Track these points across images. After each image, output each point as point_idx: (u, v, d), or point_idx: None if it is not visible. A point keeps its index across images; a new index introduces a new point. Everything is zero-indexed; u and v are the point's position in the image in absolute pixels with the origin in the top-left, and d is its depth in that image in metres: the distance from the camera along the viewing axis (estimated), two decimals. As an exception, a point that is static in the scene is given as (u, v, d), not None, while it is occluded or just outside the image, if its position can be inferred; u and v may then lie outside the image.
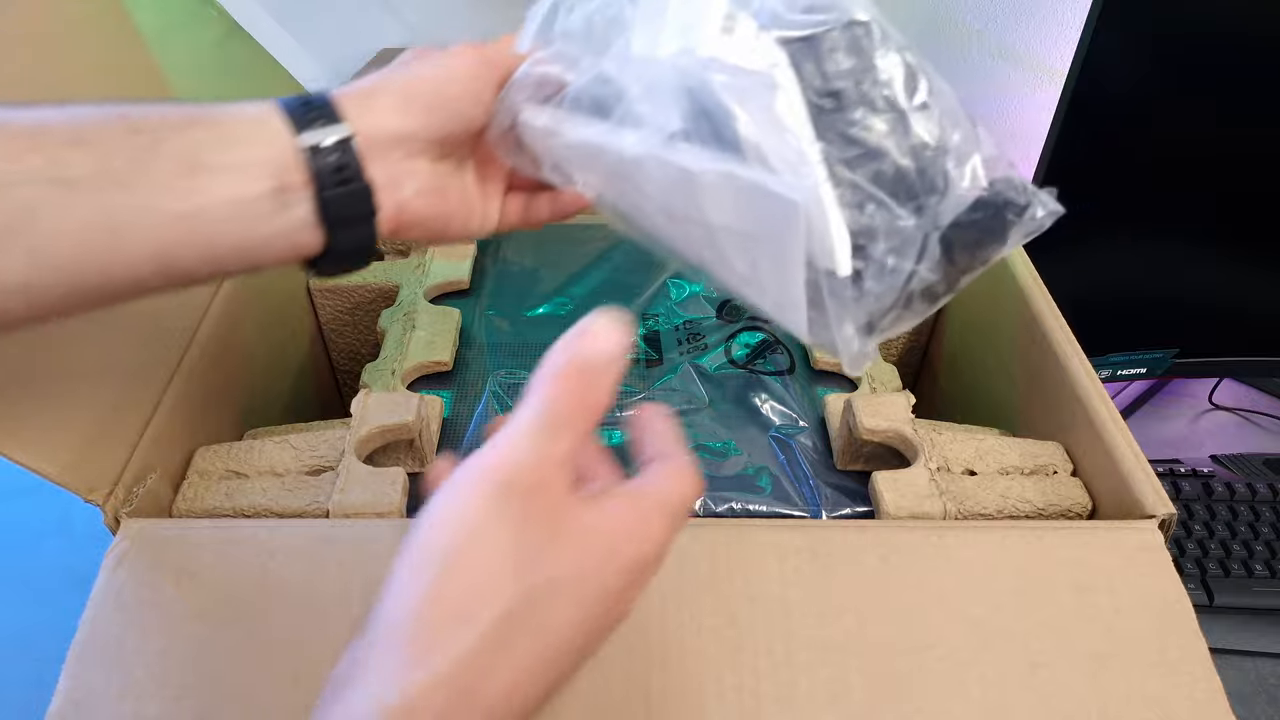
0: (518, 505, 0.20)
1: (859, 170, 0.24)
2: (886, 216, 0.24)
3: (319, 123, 0.25)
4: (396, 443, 0.38)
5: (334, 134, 0.25)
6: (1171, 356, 0.61)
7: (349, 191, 0.26)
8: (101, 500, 0.32)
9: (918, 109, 0.25)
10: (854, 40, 0.25)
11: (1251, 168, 0.53)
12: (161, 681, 0.28)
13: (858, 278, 0.24)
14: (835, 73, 0.24)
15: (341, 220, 0.26)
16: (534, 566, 0.20)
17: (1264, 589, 0.53)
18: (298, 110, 0.25)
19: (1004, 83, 0.74)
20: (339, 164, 0.25)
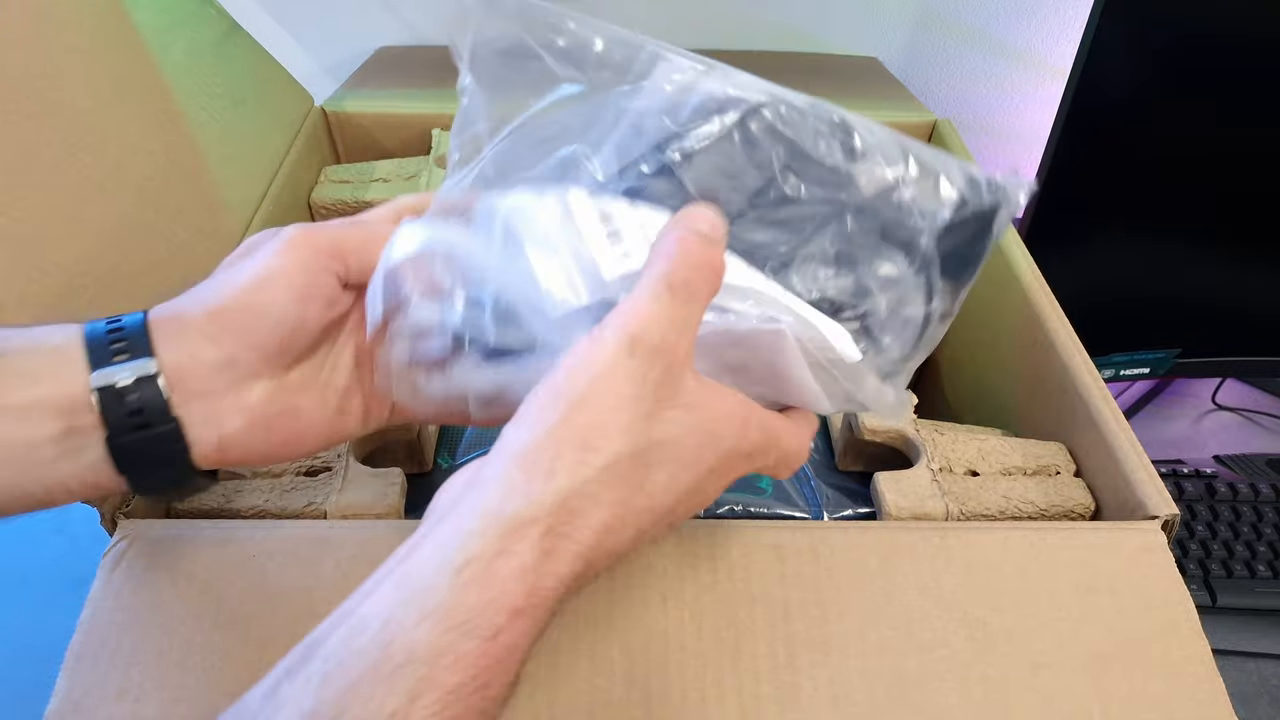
0: (642, 360, 0.21)
1: (828, 257, 0.25)
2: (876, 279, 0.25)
3: (121, 356, 0.23)
4: (395, 443, 0.38)
5: (132, 372, 0.22)
6: (1174, 356, 0.61)
7: (148, 436, 0.23)
8: (98, 500, 0.32)
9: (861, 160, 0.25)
10: (766, 127, 0.25)
11: (1255, 167, 0.53)
12: (159, 682, 0.28)
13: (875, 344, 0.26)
14: (761, 162, 0.25)
15: (139, 465, 0.23)
16: (648, 424, 0.22)
17: (1267, 590, 0.53)
18: (101, 340, 0.23)
19: (1006, 81, 0.74)
20: (137, 406, 0.22)
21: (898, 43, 0.72)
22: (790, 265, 0.25)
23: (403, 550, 0.21)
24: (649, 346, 0.22)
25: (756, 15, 0.71)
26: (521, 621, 0.20)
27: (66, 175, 0.33)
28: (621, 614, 0.29)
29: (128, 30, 0.39)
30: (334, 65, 0.72)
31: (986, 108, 0.75)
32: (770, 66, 0.75)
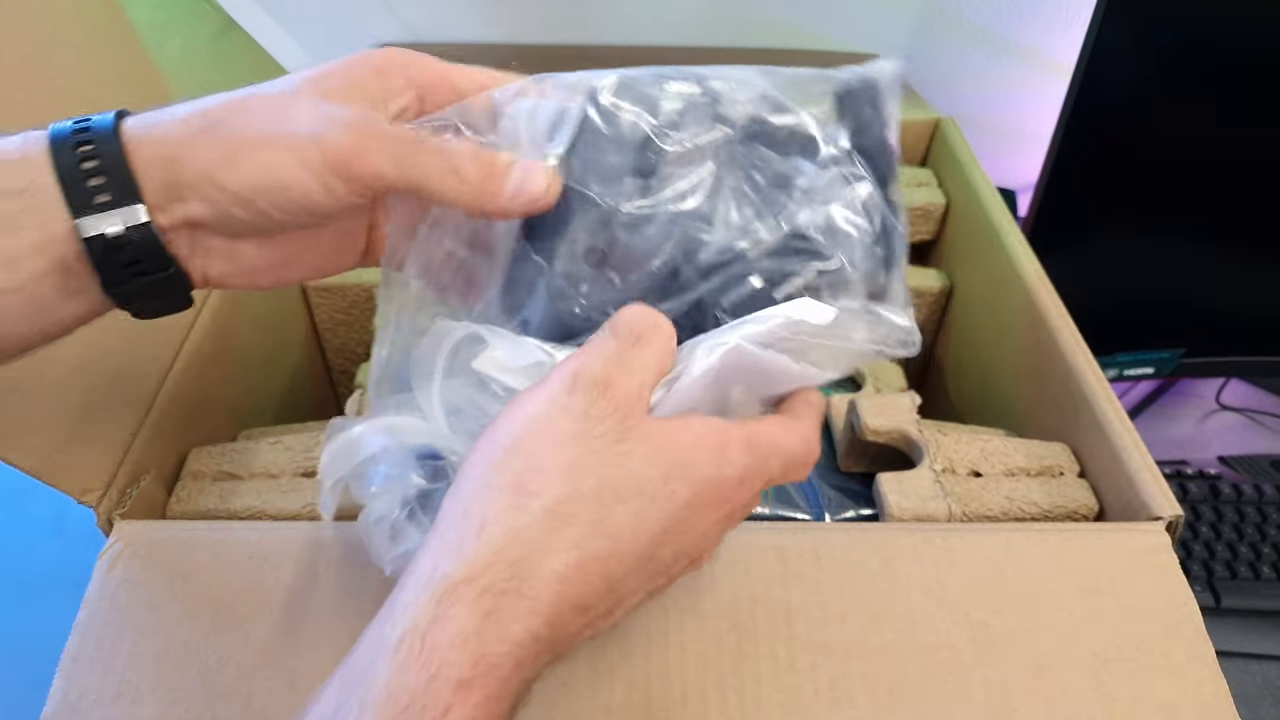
0: (583, 395, 0.20)
1: (743, 198, 0.25)
2: (794, 197, 0.25)
3: (103, 198, 0.20)
4: (394, 443, 0.37)
5: (121, 220, 0.20)
6: (1179, 356, 0.61)
7: (147, 282, 0.22)
8: (95, 502, 0.32)
9: (723, 101, 0.25)
10: (612, 103, 0.24)
11: (1259, 166, 0.52)
12: (155, 683, 0.28)
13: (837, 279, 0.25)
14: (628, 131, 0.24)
15: (140, 301, 0.23)
16: (598, 461, 0.20)
17: (1271, 591, 0.52)
18: (76, 177, 0.20)
19: (1009, 80, 0.74)
20: (132, 257, 0.21)
21: (900, 41, 0.72)
22: (712, 222, 0.24)
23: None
24: (591, 380, 0.20)
25: (758, 13, 0.71)
26: (472, 694, 0.18)
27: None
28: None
29: (123, 27, 0.39)
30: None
31: (989, 106, 0.75)
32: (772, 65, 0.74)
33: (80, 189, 0.20)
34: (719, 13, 0.70)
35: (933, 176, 0.56)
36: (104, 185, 0.20)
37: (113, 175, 0.20)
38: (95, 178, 0.20)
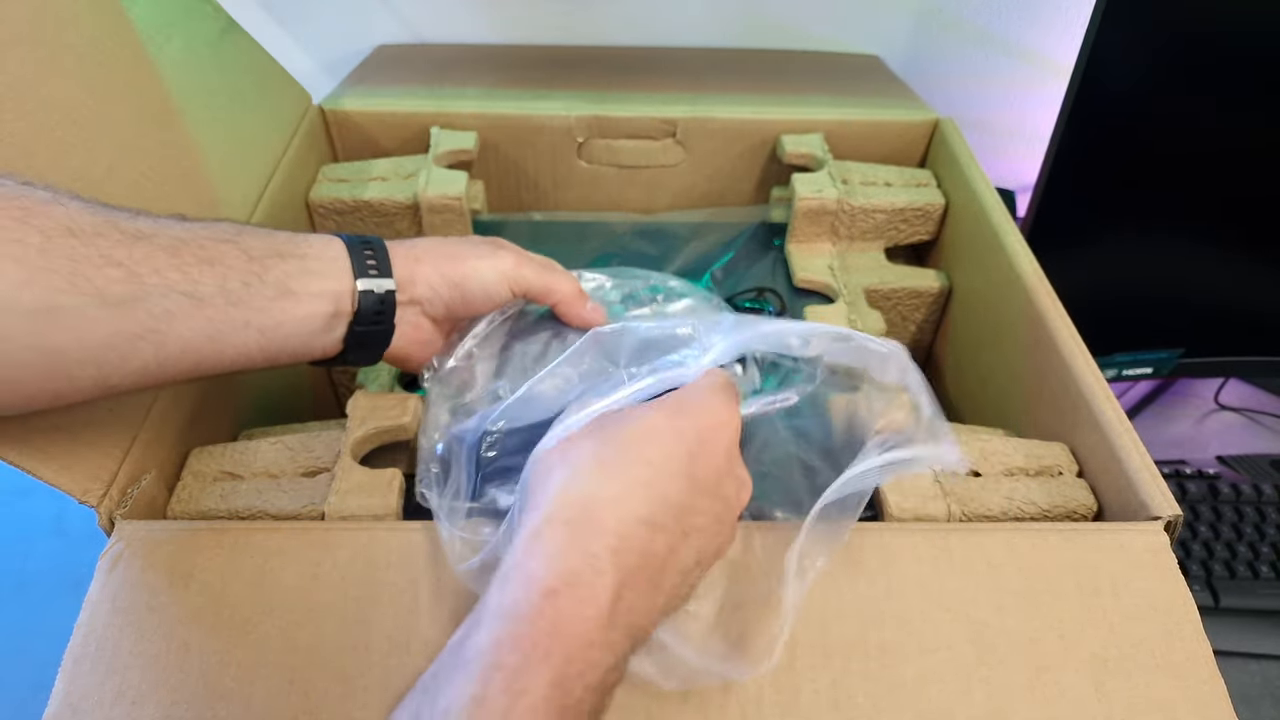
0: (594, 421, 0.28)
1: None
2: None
3: (373, 271, 0.32)
4: (393, 444, 0.38)
5: (383, 286, 0.32)
6: (1178, 356, 0.61)
7: (376, 330, 0.33)
8: (96, 502, 0.32)
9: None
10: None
11: (1258, 166, 0.52)
12: (157, 684, 0.28)
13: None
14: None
15: (358, 349, 0.33)
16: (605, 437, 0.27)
17: (1270, 591, 0.52)
18: (360, 257, 0.32)
19: (1008, 80, 0.74)
20: (379, 308, 0.32)
21: (899, 41, 0.72)
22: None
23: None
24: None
25: (758, 13, 0.71)
26: (560, 599, 0.23)
27: (62, 173, 0.33)
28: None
29: (124, 27, 0.39)
30: (332, 63, 0.72)
31: (988, 106, 0.75)
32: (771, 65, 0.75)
33: (362, 264, 0.32)
34: (719, 13, 0.71)
35: (932, 177, 0.56)
36: (375, 265, 0.33)
37: (380, 261, 0.33)
38: (370, 260, 0.33)
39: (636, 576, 0.24)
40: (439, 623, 0.29)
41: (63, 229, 0.25)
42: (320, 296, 0.31)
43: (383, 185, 0.52)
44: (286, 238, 0.31)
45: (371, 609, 0.29)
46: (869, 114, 0.58)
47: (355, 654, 0.28)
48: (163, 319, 0.27)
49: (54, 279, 0.25)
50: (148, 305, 0.26)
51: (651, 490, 0.25)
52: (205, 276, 0.28)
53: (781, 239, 0.55)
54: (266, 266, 0.29)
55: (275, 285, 0.30)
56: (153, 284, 0.26)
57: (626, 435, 0.27)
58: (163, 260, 0.27)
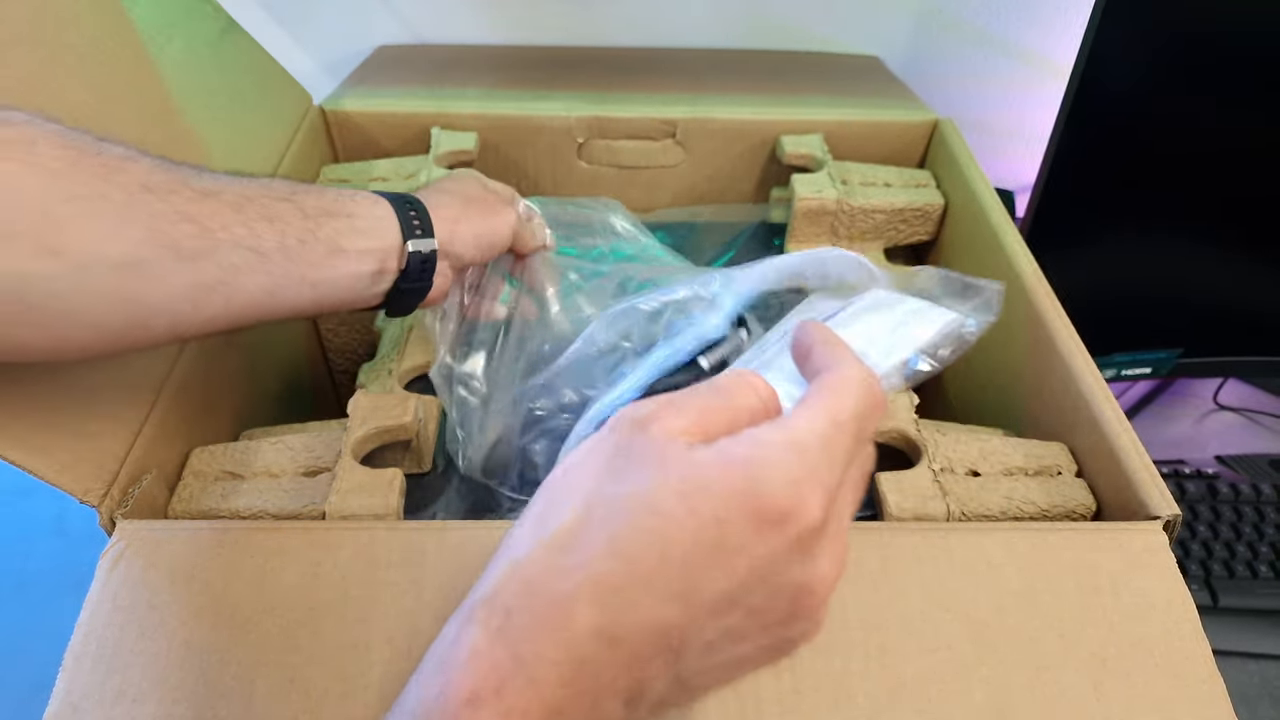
0: (619, 434, 0.20)
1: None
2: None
3: (418, 232, 0.34)
4: (394, 444, 0.38)
5: (429, 246, 0.35)
6: (1177, 356, 0.61)
7: (417, 286, 0.35)
8: (97, 501, 0.32)
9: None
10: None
11: (1257, 166, 0.53)
12: (157, 683, 0.28)
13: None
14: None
15: (399, 301, 0.35)
16: (606, 481, 0.19)
17: (1269, 591, 0.53)
18: (406, 217, 0.34)
19: (1007, 80, 0.74)
20: (424, 267, 0.35)
21: (899, 42, 0.72)
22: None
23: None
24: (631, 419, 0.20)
25: (757, 14, 0.71)
26: (480, 711, 0.18)
27: (64, 174, 0.33)
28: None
29: (125, 27, 0.39)
30: (333, 64, 0.72)
31: (988, 106, 0.75)
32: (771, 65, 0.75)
33: (409, 224, 0.34)
34: (719, 13, 0.71)
35: (931, 177, 0.56)
36: (419, 225, 0.35)
37: (423, 222, 0.35)
38: (415, 220, 0.35)
39: (581, 701, 0.18)
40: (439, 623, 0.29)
41: (140, 185, 0.27)
42: (368, 254, 0.32)
43: (383, 186, 0.52)
44: (335, 195, 0.33)
45: (371, 609, 0.29)
46: (868, 114, 0.58)
47: (355, 654, 0.28)
48: (230, 272, 0.28)
49: (136, 233, 0.26)
50: (217, 259, 0.28)
51: (619, 599, 0.18)
52: (267, 232, 0.29)
53: (781, 239, 0.55)
54: (319, 224, 0.31)
55: (327, 242, 0.31)
56: (222, 238, 0.28)
57: (615, 505, 0.19)
58: (230, 216, 0.28)
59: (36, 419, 0.30)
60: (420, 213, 0.35)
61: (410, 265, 0.34)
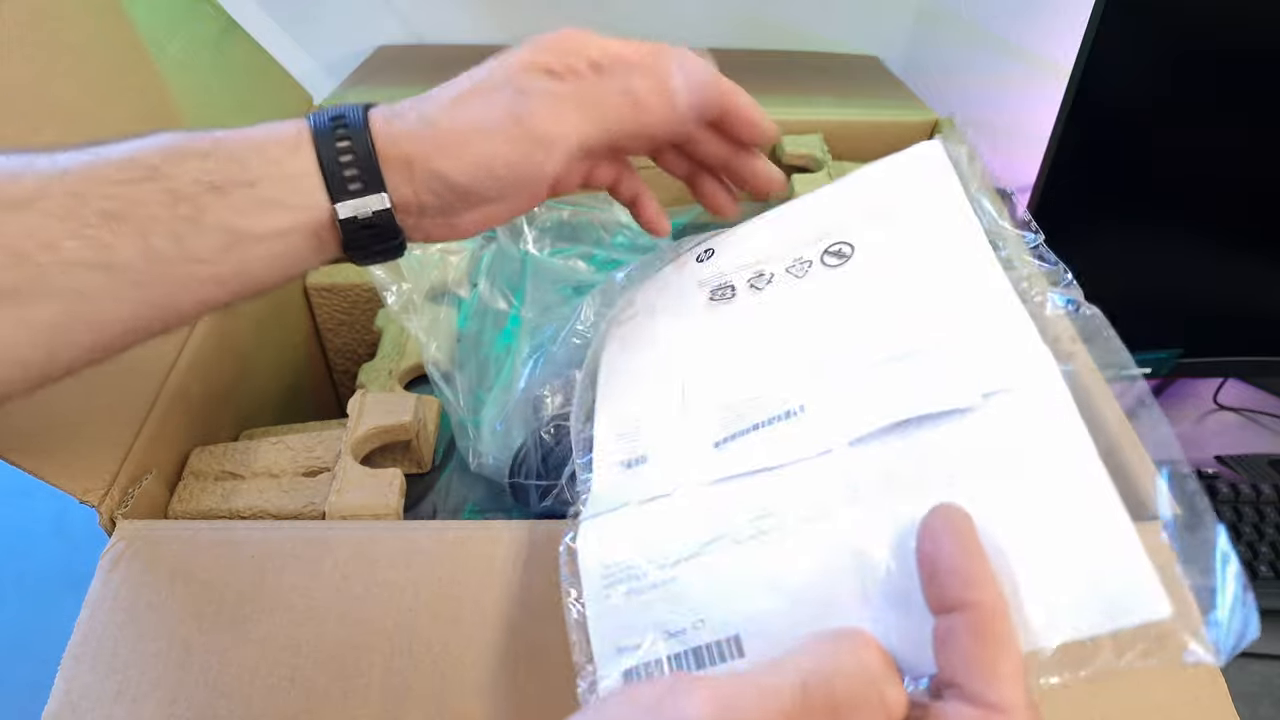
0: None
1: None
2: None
3: (356, 185, 0.24)
4: (393, 443, 0.38)
5: (369, 206, 0.25)
6: (1176, 356, 0.61)
7: (382, 249, 0.26)
8: (97, 501, 0.32)
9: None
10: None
11: (1257, 166, 0.53)
12: (157, 683, 0.28)
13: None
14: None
15: (366, 255, 0.27)
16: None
17: (1269, 590, 0.53)
18: (336, 170, 0.24)
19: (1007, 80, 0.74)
20: (374, 232, 0.25)
21: (899, 42, 0.72)
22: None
23: None
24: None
25: (757, 14, 0.71)
26: None
27: (64, 174, 0.33)
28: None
29: (125, 28, 0.39)
30: (333, 64, 0.72)
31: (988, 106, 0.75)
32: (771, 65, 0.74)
33: (338, 179, 0.24)
34: (719, 13, 0.71)
35: (931, 177, 0.56)
36: (357, 177, 0.24)
37: (365, 170, 0.24)
38: (350, 169, 0.24)
39: None
40: (439, 622, 0.29)
41: None
42: (285, 235, 0.24)
43: (383, 185, 0.52)
44: (229, 154, 0.23)
45: (371, 609, 0.29)
46: (869, 114, 0.58)
47: (355, 654, 0.28)
48: (76, 301, 0.22)
49: None
50: (46, 290, 0.21)
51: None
52: (119, 240, 0.22)
53: (781, 239, 0.55)
54: (201, 208, 0.22)
55: (219, 231, 0.23)
56: (46, 263, 0.21)
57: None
58: (55, 230, 0.21)
59: (36, 419, 0.30)
60: (359, 152, 0.24)
61: (348, 236, 0.25)
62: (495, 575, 0.30)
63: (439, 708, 0.27)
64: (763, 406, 0.25)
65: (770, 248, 0.31)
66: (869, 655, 0.18)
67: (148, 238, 0.22)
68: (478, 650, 0.28)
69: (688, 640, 0.21)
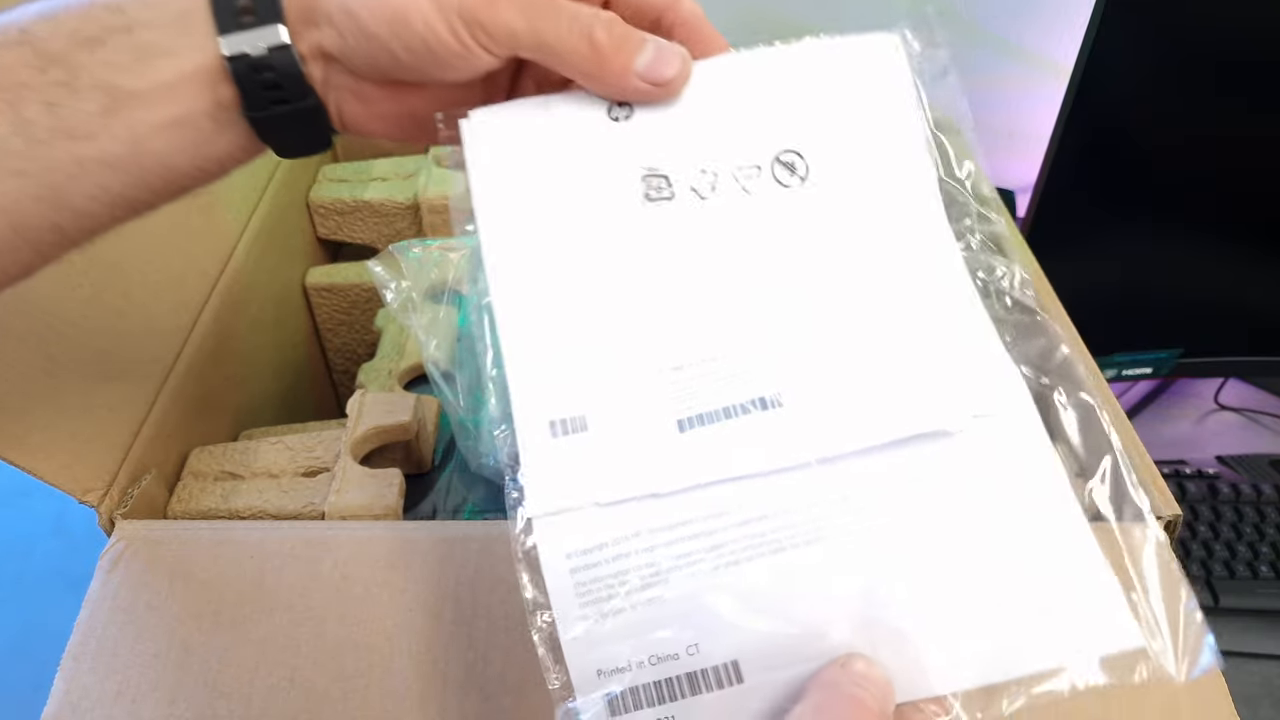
0: None
1: None
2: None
3: (249, 20, 0.20)
4: (393, 444, 0.38)
5: (263, 41, 0.20)
6: (1177, 356, 0.61)
7: (288, 112, 0.22)
8: (96, 501, 0.32)
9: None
10: None
11: (1258, 166, 0.53)
12: (156, 683, 0.28)
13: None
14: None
15: (282, 136, 0.23)
16: None
17: (1269, 591, 0.52)
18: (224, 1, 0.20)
19: (1008, 80, 0.74)
20: (273, 80, 0.21)
21: (899, 41, 0.72)
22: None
23: None
24: None
25: (757, 13, 0.71)
26: None
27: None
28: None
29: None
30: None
31: (988, 106, 0.75)
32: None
33: (228, 9, 0.20)
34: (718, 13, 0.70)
35: (932, 177, 0.56)
36: (250, 6, 0.20)
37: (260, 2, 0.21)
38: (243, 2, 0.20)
39: None
40: (438, 623, 0.29)
41: None
42: (174, 91, 0.20)
43: (383, 185, 0.52)
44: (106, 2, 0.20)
45: (371, 609, 0.29)
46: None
47: (355, 654, 0.28)
48: None
49: None
50: None
51: None
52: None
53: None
54: (75, 69, 0.19)
55: (95, 91, 0.20)
56: None
57: None
58: None
59: (36, 419, 0.30)
60: None
61: (245, 81, 0.21)
62: (495, 575, 0.30)
63: (439, 708, 0.27)
64: (727, 382, 0.22)
65: (710, 130, 0.26)
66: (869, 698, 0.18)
67: (19, 109, 0.19)
68: (478, 651, 0.28)
69: (681, 666, 0.20)
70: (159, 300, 0.37)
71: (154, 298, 0.36)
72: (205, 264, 0.41)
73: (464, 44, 0.21)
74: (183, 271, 0.39)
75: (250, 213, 0.46)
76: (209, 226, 0.42)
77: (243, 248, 0.44)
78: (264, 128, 0.22)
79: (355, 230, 0.53)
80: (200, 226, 0.41)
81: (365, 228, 0.53)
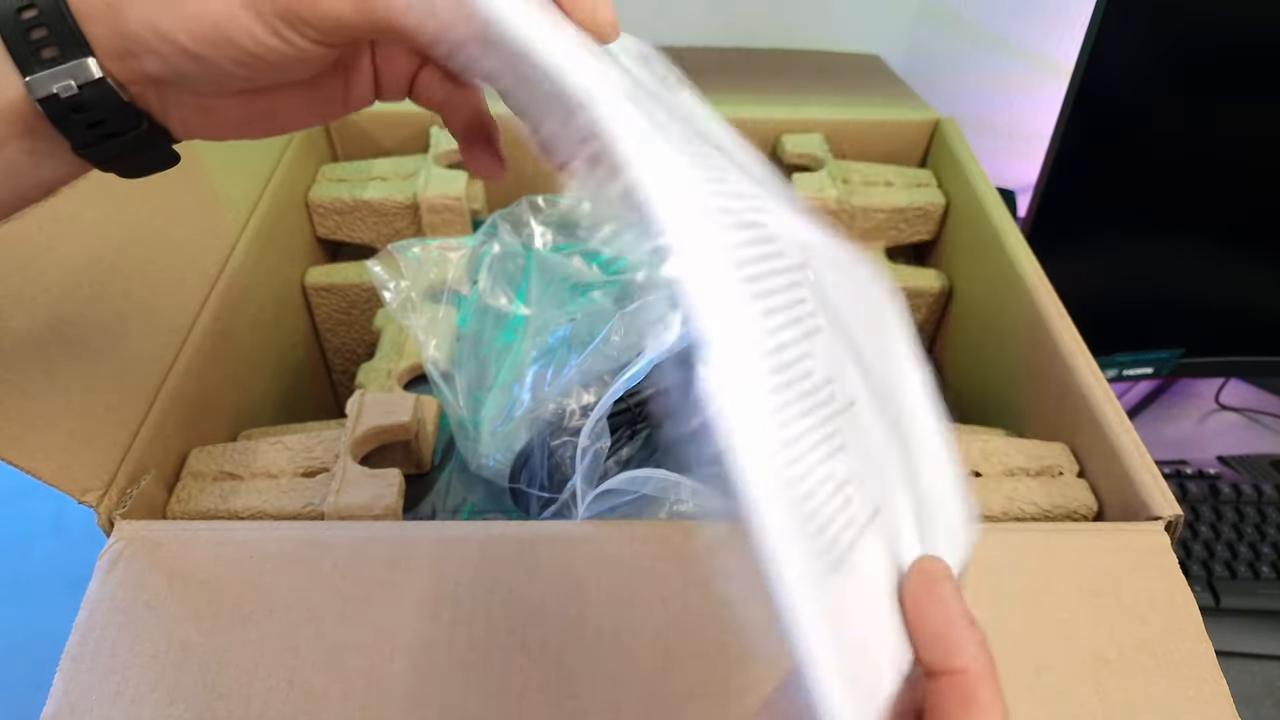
0: None
1: None
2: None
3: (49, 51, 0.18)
4: (393, 444, 0.37)
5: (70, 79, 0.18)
6: (1178, 356, 0.61)
7: (121, 142, 0.20)
8: (95, 502, 0.32)
9: None
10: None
11: (1258, 165, 0.52)
12: (155, 684, 0.28)
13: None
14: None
15: (119, 161, 0.21)
16: None
17: (1270, 591, 0.52)
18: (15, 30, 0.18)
19: (1009, 80, 0.74)
20: (94, 119, 0.19)
21: (900, 40, 0.72)
22: None
23: None
24: None
25: (758, 13, 0.71)
26: None
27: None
28: (624, 618, 0.29)
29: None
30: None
31: (989, 106, 0.75)
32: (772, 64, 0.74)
33: (24, 43, 0.18)
34: (718, 13, 0.70)
35: (932, 177, 0.56)
36: (47, 38, 0.18)
37: (54, 27, 0.18)
38: (37, 29, 0.18)
39: None
40: (438, 623, 0.29)
41: None
42: None
43: (382, 185, 0.52)
44: None
45: (371, 609, 0.29)
46: (869, 114, 0.58)
47: (355, 654, 0.28)
48: None
49: None
50: None
51: None
52: None
53: (782, 239, 0.55)
54: None
55: None
56: None
57: None
58: None
59: (35, 419, 0.30)
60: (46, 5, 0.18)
61: (63, 124, 0.19)
62: (495, 575, 0.29)
63: (439, 709, 0.27)
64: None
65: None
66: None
67: None
68: (478, 651, 0.28)
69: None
70: (158, 300, 0.37)
71: (153, 298, 0.36)
72: (205, 264, 0.41)
73: (295, 46, 0.19)
74: (182, 271, 0.39)
75: (250, 212, 0.46)
76: (209, 226, 0.42)
77: (242, 247, 0.44)
78: (99, 160, 0.20)
79: (354, 230, 0.53)
80: (200, 226, 0.41)
81: (364, 227, 0.53)
